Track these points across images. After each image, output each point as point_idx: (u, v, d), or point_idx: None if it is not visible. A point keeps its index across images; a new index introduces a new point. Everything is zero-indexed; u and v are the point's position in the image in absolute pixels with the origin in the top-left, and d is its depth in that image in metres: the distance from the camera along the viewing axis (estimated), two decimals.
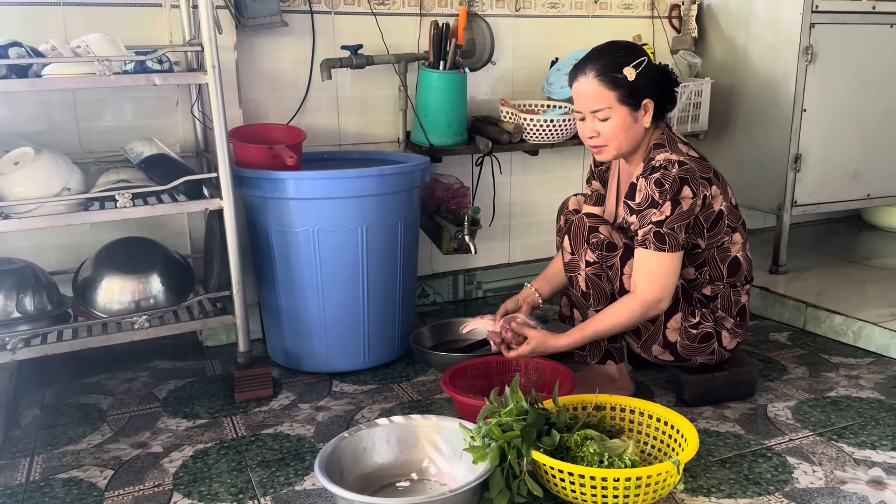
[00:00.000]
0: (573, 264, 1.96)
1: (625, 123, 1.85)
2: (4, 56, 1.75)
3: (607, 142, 1.88)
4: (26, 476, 1.74)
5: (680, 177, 1.80)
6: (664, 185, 1.80)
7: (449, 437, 1.69)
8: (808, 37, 2.72)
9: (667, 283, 1.84)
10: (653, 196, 1.81)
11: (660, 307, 1.86)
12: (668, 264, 1.82)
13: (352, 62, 2.47)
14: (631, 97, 1.84)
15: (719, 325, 1.96)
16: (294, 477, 1.72)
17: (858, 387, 2.13)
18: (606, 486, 1.48)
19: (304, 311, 2.22)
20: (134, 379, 2.28)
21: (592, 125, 1.87)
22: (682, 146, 1.91)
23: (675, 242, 1.81)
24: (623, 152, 1.91)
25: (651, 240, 1.81)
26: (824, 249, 3.30)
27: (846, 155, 2.93)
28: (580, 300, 1.98)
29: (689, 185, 1.81)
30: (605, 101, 1.84)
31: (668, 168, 1.81)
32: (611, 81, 1.82)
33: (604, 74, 1.83)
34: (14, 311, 1.95)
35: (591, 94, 1.85)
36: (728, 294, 1.97)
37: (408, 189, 2.26)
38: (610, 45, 1.89)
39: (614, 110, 1.84)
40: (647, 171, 1.84)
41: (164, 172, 2.01)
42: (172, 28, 2.28)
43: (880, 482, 1.65)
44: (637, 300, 1.85)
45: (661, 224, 1.80)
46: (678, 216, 1.81)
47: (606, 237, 1.89)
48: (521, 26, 2.83)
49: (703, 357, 1.97)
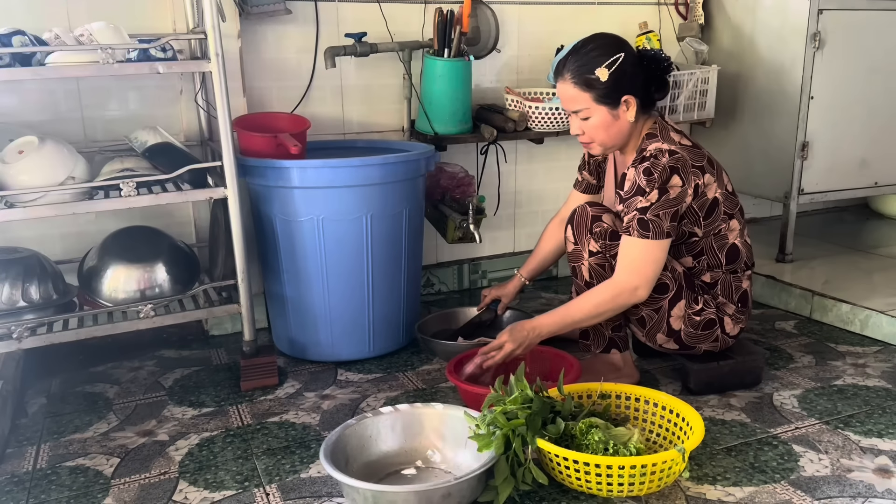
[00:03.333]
0: (576, 254, 1.95)
1: (605, 121, 1.87)
2: (8, 44, 1.74)
3: (591, 139, 1.91)
4: (33, 464, 1.75)
5: (670, 166, 1.80)
6: (653, 173, 1.80)
7: (454, 425, 1.69)
8: (816, 23, 2.69)
9: (646, 271, 1.82)
10: (640, 184, 1.81)
11: (636, 295, 1.83)
12: (651, 252, 1.81)
13: (356, 50, 2.46)
14: (607, 96, 1.84)
15: (721, 312, 1.96)
16: (299, 465, 1.72)
17: (865, 375, 2.13)
18: (612, 474, 1.48)
19: (308, 300, 2.22)
20: (140, 368, 2.29)
21: (577, 124, 1.91)
22: (675, 135, 1.90)
23: (658, 230, 1.80)
24: (610, 147, 1.93)
25: (634, 226, 1.81)
26: (831, 238, 3.28)
27: (854, 143, 2.91)
28: (584, 290, 1.97)
29: (678, 174, 1.80)
30: (581, 102, 1.86)
31: (657, 157, 1.81)
32: (584, 83, 1.84)
33: (577, 77, 1.84)
34: (20, 301, 1.96)
35: (567, 96, 1.88)
36: (728, 280, 1.96)
37: (412, 178, 2.25)
38: (585, 43, 1.87)
39: (592, 110, 1.86)
40: (638, 160, 1.85)
41: (169, 161, 2.00)
42: (176, 16, 2.27)
43: (887, 470, 1.65)
44: (610, 286, 1.84)
45: (646, 211, 1.80)
46: (664, 203, 1.80)
47: (609, 226, 1.89)
48: (527, 14, 2.81)
49: (706, 344, 1.97)
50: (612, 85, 1.83)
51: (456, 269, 2.95)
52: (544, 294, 2.91)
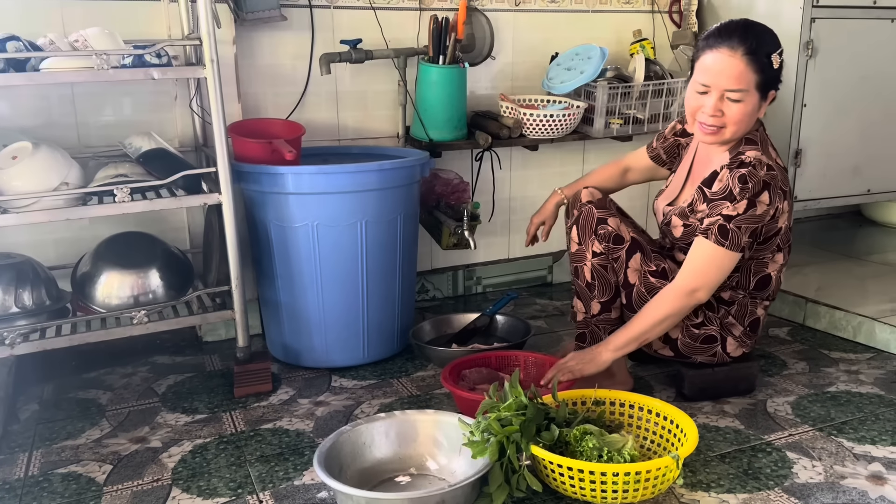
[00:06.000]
0: (580, 254, 1.95)
1: (752, 110, 1.78)
2: (2, 50, 1.74)
3: (728, 124, 1.79)
4: (25, 471, 1.74)
5: (765, 180, 1.75)
6: (748, 183, 1.75)
7: (448, 431, 1.69)
8: (809, 32, 2.71)
9: (709, 276, 1.80)
10: (732, 189, 1.76)
11: (695, 297, 1.81)
12: (721, 260, 1.78)
13: (351, 57, 2.46)
14: (766, 85, 1.77)
15: (726, 331, 1.94)
16: (293, 472, 1.72)
17: (858, 382, 2.13)
18: (606, 481, 1.48)
19: (303, 306, 2.21)
20: (133, 374, 2.28)
21: (718, 103, 1.78)
22: (772, 150, 1.86)
23: (736, 241, 1.76)
24: (732, 140, 1.84)
25: (714, 231, 1.77)
26: (824, 245, 3.29)
27: (846, 150, 2.92)
28: (584, 291, 1.97)
29: (769, 192, 1.76)
30: (745, 82, 1.75)
31: (756, 167, 1.76)
32: (758, 64, 1.74)
33: (753, 55, 1.74)
34: (12, 306, 1.95)
35: (734, 72, 1.75)
36: (745, 303, 1.94)
37: (407, 184, 2.25)
38: (757, 24, 1.79)
39: (749, 94, 1.76)
40: (735, 164, 1.78)
41: (163, 167, 2.00)
42: (171, 22, 2.27)
43: (880, 477, 1.65)
44: (672, 289, 1.82)
45: (730, 219, 1.76)
46: (749, 218, 1.76)
47: (614, 229, 1.88)
48: (521, 21, 2.82)
49: (703, 357, 1.97)
50: (776, 75, 1.77)
51: (450, 275, 2.95)
52: (539, 300, 2.92)
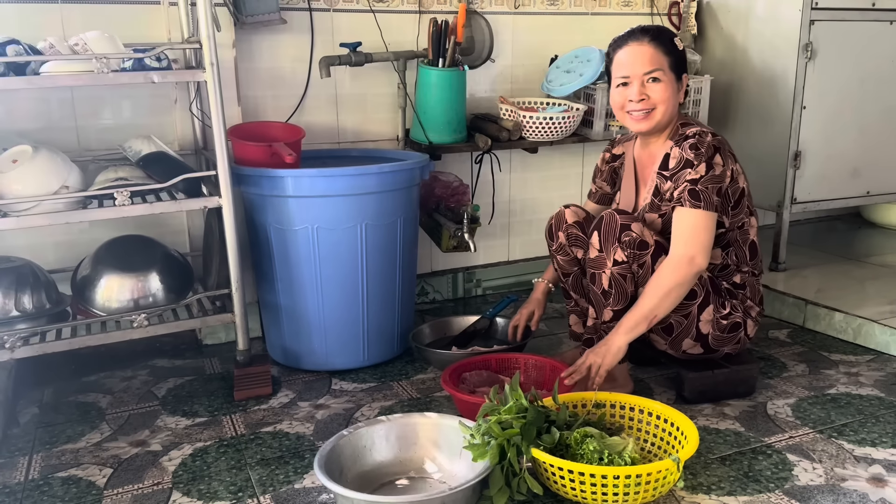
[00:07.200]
0: (599, 261, 1.92)
1: (672, 90, 1.93)
2: (2, 54, 1.74)
3: (657, 104, 1.92)
4: (25, 475, 1.74)
5: (713, 144, 1.87)
6: (700, 148, 1.86)
7: (448, 434, 1.69)
8: (808, 34, 2.71)
9: (700, 239, 1.85)
10: (688, 157, 1.87)
11: (695, 264, 1.83)
12: (704, 221, 1.85)
13: (350, 60, 2.47)
14: (677, 67, 1.94)
15: (746, 315, 1.99)
16: (293, 475, 1.72)
17: (858, 384, 2.13)
18: (606, 484, 1.48)
19: (303, 309, 2.21)
20: (133, 377, 2.28)
21: (642, 89, 1.92)
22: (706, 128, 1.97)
23: (709, 200, 1.84)
24: (664, 121, 1.95)
25: (686, 197, 1.85)
26: (824, 247, 3.29)
27: (846, 152, 2.92)
28: (599, 299, 1.95)
29: (720, 154, 1.88)
30: (658, 62, 1.91)
31: (702, 136, 1.88)
32: (665, 46, 1.92)
33: (658, 39, 1.92)
34: (13, 310, 1.95)
35: (646, 56, 1.91)
36: (753, 282, 2.02)
37: (407, 187, 2.25)
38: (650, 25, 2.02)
39: (665, 74, 1.92)
40: (681, 139, 1.91)
41: (163, 170, 2.00)
42: (171, 25, 2.28)
43: (880, 479, 1.65)
44: (669, 262, 1.85)
45: (696, 182, 1.85)
46: (711, 178, 1.85)
47: (638, 235, 1.88)
48: (521, 24, 2.82)
49: (729, 347, 1.99)
50: (682, 58, 1.96)
51: (450, 277, 2.95)
52: None
